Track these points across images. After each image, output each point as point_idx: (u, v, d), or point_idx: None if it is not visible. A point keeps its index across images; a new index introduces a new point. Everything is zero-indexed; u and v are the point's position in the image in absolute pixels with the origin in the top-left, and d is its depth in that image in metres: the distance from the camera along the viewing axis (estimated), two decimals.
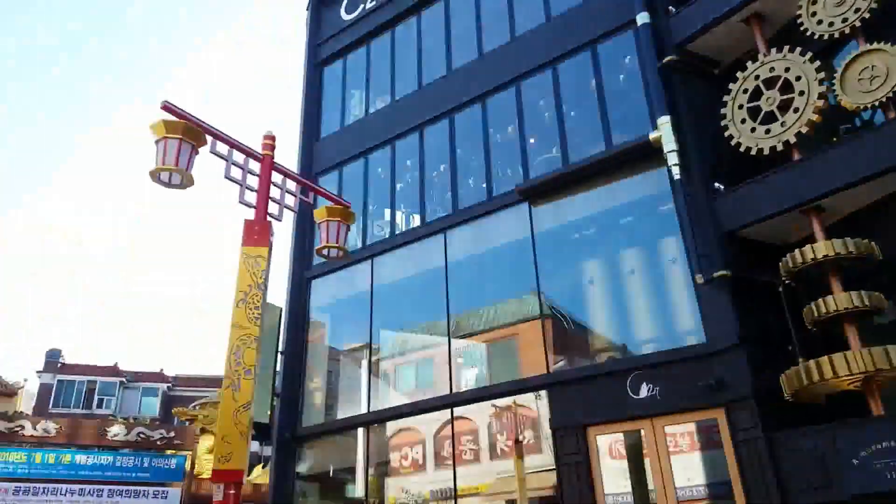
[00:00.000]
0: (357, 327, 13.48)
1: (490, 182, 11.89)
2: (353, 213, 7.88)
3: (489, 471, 10.71)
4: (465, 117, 12.87)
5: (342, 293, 13.94)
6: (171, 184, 6.25)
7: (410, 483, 11.78)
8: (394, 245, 13.06)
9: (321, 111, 15.92)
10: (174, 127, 6.15)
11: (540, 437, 10.25)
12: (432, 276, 12.23)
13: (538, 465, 10.11)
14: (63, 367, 34.85)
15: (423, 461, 11.71)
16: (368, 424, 12.19)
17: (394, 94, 14.46)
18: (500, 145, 12.31)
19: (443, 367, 11.74)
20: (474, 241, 11.97)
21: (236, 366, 5.92)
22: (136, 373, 36.41)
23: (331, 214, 7.48)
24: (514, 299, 11.60)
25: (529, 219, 10.97)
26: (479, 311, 12.06)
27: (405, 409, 11.76)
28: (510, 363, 11.34)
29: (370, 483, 12.07)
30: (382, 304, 13.04)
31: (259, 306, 6.33)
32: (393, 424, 12.15)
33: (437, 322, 12.12)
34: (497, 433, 10.81)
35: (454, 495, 10.63)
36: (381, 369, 12.90)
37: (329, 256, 7.67)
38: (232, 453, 5.56)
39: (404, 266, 12.95)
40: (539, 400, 10.25)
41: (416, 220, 13.30)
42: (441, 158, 13.10)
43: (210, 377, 39.80)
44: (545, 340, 10.42)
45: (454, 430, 11.08)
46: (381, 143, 14.11)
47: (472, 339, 11.90)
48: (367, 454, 12.21)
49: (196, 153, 6.36)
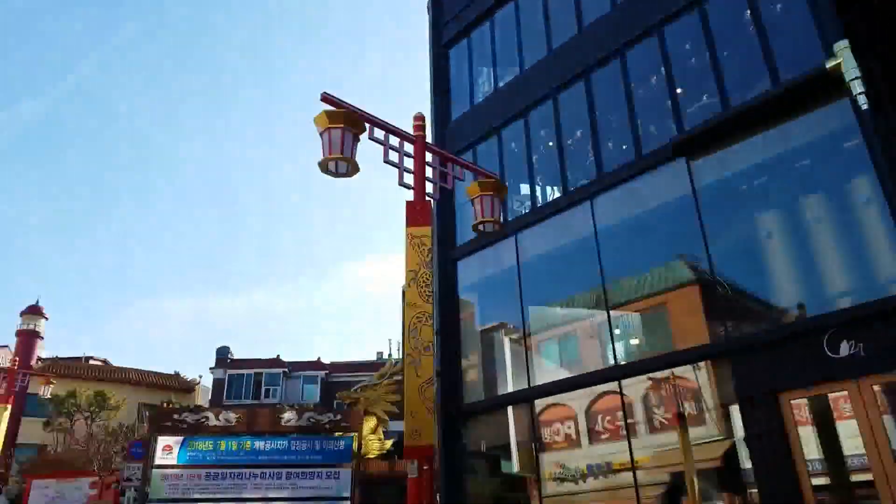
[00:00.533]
0: (505, 304, 13.33)
1: (638, 141, 11.18)
2: (505, 186, 7.71)
3: (648, 444, 10.29)
4: (603, 76, 12.20)
5: (487, 271, 13.86)
6: (338, 173, 6.36)
7: (565, 458, 11.54)
8: (536, 218, 12.73)
9: (450, 93, 15.87)
10: (336, 117, 6.25)
11: (703, 408, 9.75)
12: (578, 247, 11.79)
13: (701, 437, 9.65)
14: (232, 363, 38.02)
15: (576, 436, 11.45)
16: (529, 400, 12.04)
17: (522, 65, 14.05)
18: (645, 100, 11.52)
19: (592, 340, 11.36)
20: (623, 206, 11.33)
21: (415, 343, 5.93)
22: (296, 363, 38.89)
23: (483, 189, 7.36)
24: (664, 265, 10.90)
25: (688, 174, 10.17)
26: (628, 280, 11.48)
27: (566, 383, 11.46)
28: (663, 333, 10.79)
29: (528, 458, 12.01)
30: (529, 280, 12.78)
31: (430, 284, 6.30)
32: (542, 401, 11.95)
33: (584, 294, 11.71)
34: (654, 406, 10.35)
35: (613, 469, 10.28)
36: (532, 344, 12.69)
37: (485, 231, 7.53)
38: (421, 429, 5.57)
39: (549, 239, 12.60)
40: (698, 371, 9.70)
41: (556, 193, 12.89)
42: (578, 124, 12.55)
43: (360, 363, 41.72)
44: (705, 306, 9.72)
45: (609, 403, 10.78)
46: (513, 116, 13.78)
47: (620, 309, 11.34)
48: (530, 429, 12.09)
49: (357, 140, 6.44)
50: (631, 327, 11.25)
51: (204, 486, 15.36)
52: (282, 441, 16.51)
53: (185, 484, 15.33)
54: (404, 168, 6.90)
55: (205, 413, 16.58)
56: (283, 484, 15.71)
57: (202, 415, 16.48)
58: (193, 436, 15.83)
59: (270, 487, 15.64)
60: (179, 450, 15.75)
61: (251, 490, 15.51)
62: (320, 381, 38.71)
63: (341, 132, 6.24)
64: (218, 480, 15.44)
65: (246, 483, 15.55)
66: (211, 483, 15.41)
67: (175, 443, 15.71)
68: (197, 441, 15.79)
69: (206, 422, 16.14)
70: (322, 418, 17.30)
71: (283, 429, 16.59)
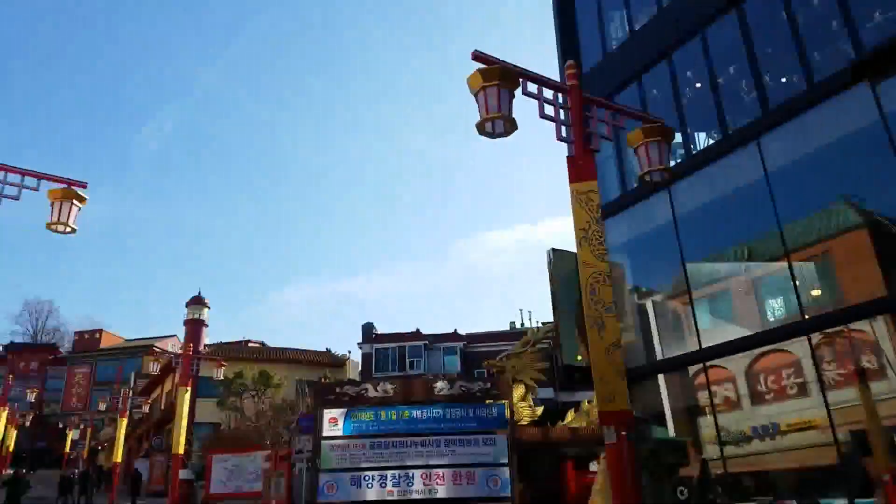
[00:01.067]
0: (659, 263, 12.62)
1: (809, 68, 9.97)
2: (672, 129, 7.08)
3: (819, 403, 9.42)
4: (755, 2, 11.01)
5: (638, 230, 13.15)
6: (494, 133, 6.12)
7: (726, 421, 10.84)
8: (691, 167, 11.83)
9: (579, 45, 15.11)
10: (490, 74, 5.99)
11: (884, 362, 8.85)
12: (740, 195, 10.84)
13: (883, 392, 8.85)
14: (377, 338, 39.73)
15: (737, 398, 10.79)
16: (699, 362, 11.34)
17: (660, 2, 13.02)
18: (810, 23, 10.25)
19: (749, 297, 10.52)
20: (791, 144, 10.21)
21: (595, 304, 5.61)
22: (434, 335, 39.95)
23: (649, 135, 6.76)
24: (838, 206, 9.75)
25: (874, 99, 8.92)
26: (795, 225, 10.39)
27: (738, 343, 10.65)
28: (829, 284, 9.80)
29: (685, 422, 11.65)
30: (685, 235, 11.96)
31: (602, 242, 5.94)
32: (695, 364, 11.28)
33: (744, 246, 10.83)
34: (827, 362, 9.48)
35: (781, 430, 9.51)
36: (689, 304, 11.91)
37: (654, 181, 6.98)
38: (614, 393, 5.27)
39: (706, 189, 11.67)
40: (874, 322, 8.84)
41: (707, 140, 11.90)
42: (730, 60, 11.44)
43: (496, 332, 42.04)
44: (878, 253, 8.78)
45: (772, 362, 10.09)
46: (654, 59, 12.85)
47: (783, 261, 10.29)
48: (685, 393, 11.52)
49: (513, 97, 6.15)
50: (806, 277, 10.24)
51: (369, 455, 16.09)
52: (437, 409, 16.92)
53: (352, 454, 16.15)
54: (561, 122, 6.53)
55: (364, 385, 17.33)
56: (443, 451, 16.11)
57: (362, 387, 17.23)
58: (354, 407, 16.64)
59: (431, 455, 16.09)
60: (344, 421, 16.58)
61: (413, 458, 16.05)
62: (459, 352, 39.50)
63: (497, 90, 5.97)
64: (381, 449, 16.12)
65: (408, 451, 16.11)
66: (375, 452, 16.12)
67: (339, 415, 16.56)
68: (359, 412, 16.55)
69: (365, 393, 16.86)
70: (473, 386, 17.53)
71: (437, 397, 16.98)
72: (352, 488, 15.75)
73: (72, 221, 7.96)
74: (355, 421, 16.66)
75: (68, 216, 7.93)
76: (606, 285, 5.64)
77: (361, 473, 15.92)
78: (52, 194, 7.92)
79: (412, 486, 15.85)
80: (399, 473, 15.87)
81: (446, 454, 16.36)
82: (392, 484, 15.76)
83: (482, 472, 15.89)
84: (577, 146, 6.37)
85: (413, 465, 15.87)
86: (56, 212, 7.88)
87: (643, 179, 6.91)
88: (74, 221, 8.00)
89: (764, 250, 10.72)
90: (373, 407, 16.64)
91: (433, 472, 16.00)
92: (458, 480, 15.85)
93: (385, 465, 15.98)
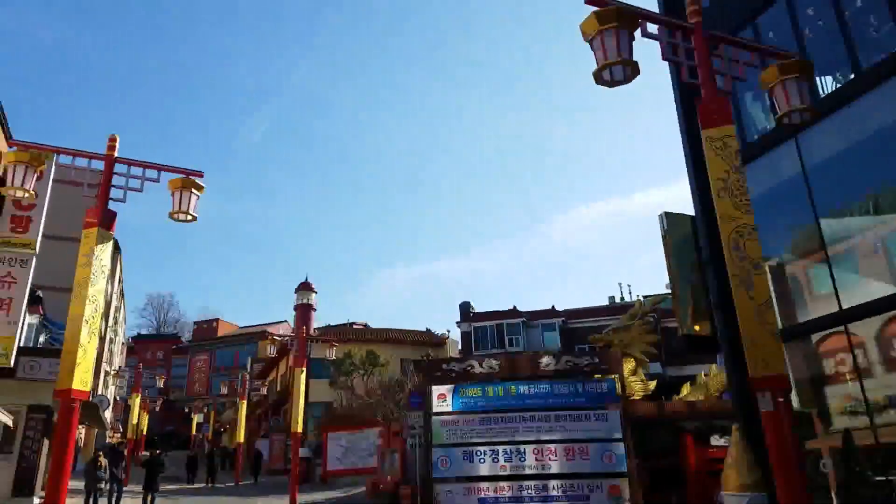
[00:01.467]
0: (786, 220, 11.60)
1: None
2: (812, 63, 6.33)
3: None
4: None
5: (760, 186, 12.13)
6: (613, 80, 5.65)
7: (856, 390, 9.81)
8: (820, 113, 10.73)
9: None
10: (607, 16, 5.50)
11: None
12: (878, 141, 9.72)
13: None
14: (475, 316, 39.77)
15: (868, 365, 9.82)
16: (836, 325, 10.36)
17: None
18: None
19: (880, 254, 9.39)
20: None
21: (741, 261, 5.07)
22: (532, 312, 39.50)
23: (786, 72, 6.03)
24: None
25: None
26: None
27: (882, 303, 9.61)
28: None
29: (808, 391, 10.78)
30: (816, 190, 10.90)
31: (745, 191, 5.36)
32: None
33: (877, 197, 9.70)
34: None
35: None
36: (829, 261, 10.87)
37: (794, 122, 6.28)
38: (767, 356, 4.75)
39: (839, 138, 10.56)
40: None
41: (833, 84, 10.75)
42: None
43: (595, 307, 41.01)
44: None
45: None
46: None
47: None
48: (807, 360, 10.56)
49: (633, 39, 5.65)
50: None
51: (479, 430, 16.05)
52: (544, 385, 16.62)
53: (462, 429, 16.16)
54: (688, 63, 5.97)
55: (469, 362, 17.29)
56: (553, 426, 15.80)
57: (467, 363, 17.21)
58: (461, 383, 16.65)
59: (541, 430, 15.83)
60: (452, 397, 16.59)
61: (523, 433, 15.85)
62: (558, 328, 38.87)
63: (615, 33, 5.49)
64: (491, 424, 16.03)
65: (517, 426, 15.93)
66: (485, 427, 16.05)
67: (448, 391, 16.59)
68: (467, 388, 16.54)
69: (471, 370, 16.83)
70: (580, 361, 17.07)
71: (543, 373, 16.67)
72: (465, 463, 15.79)
73: (192, 209, 8.24)
74: (463, 397, 16.63)
75: (189, 205, 8.21)
76: (752, 240, 5.10)
77: (473, 448, 15.90)
78: (173, 184, 8.22)
79: (524, 461, 15.67)
80: (511, 449, 15.73)
81: (557, 430, 16.03)
82: (504, 459, 15.65)
83: (595, 448, 15.47)
84: (706, 89, 5.80)
85: (524, 441, 15.67)
86: (177, 201, 8.17)
87: (782, 122, 6.24)
88: (195, 209, 8.27)
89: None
90: (479, 383, 16.57)
91: (545, 447, 15.74)
92: (570, 456, 15.52)
93: (496, 440, 15.88)
